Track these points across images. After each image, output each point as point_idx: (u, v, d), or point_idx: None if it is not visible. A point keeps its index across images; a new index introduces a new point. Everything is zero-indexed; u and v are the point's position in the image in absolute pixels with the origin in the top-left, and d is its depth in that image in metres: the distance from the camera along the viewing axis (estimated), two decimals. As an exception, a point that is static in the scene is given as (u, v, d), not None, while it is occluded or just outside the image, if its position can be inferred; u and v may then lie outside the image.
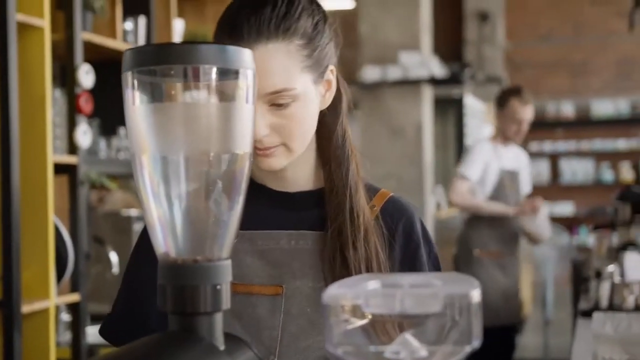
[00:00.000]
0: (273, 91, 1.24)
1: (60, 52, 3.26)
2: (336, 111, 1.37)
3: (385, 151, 6.72)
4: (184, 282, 0.77)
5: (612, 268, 3.03)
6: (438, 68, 6.93)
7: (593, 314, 1.90)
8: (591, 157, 10.20)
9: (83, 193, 3.30)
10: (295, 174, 1.37)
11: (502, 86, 10.01)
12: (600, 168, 10.16)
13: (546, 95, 10.30)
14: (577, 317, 3.15)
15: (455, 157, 8.26)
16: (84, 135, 3.28)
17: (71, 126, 3.25)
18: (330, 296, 0.72)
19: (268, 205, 1.36)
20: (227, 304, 0.79)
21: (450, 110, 8.70)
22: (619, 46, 10.10)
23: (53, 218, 3.03)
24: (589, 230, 8.89)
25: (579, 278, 4.65)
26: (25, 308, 2.87)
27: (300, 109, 1.27)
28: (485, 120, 8.99)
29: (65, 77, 3.35)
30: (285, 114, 1.26)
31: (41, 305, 2.97)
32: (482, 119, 9.04)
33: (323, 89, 1.34)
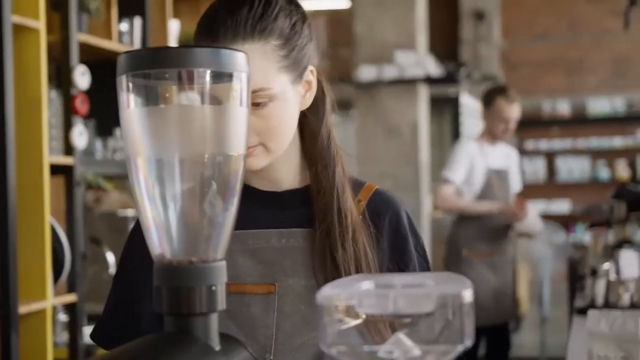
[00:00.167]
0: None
1: (55, 54, 3.27)
2: (319, 112, 1.38)
3: (381, 150, 6.73)
4: (180, 283, 0.78)
5: (608, 266, 3.04)
6: (434, 67, 6.93)
7: (588, 312, 1.90)
8: (587, 155, 10.20)
9: (79, 194, 3.31)
10: (280, 174, 1.38)
11: (498, 85, 10.04)
12: (596, 166, 10.17)
13: (542, 93, 10.31)
14: (573, 315, 3.16)
15: (451, 156, 8.25)
16: (80, 136, 3.29)
17: (67, 127, 3.26)
18: (324, 296, 0.73)
19: (256, 205, 1.36)
20: (223, 305, 0.80)
21: (446, 109, 8.71)
22: (615, 44, 10.11)
23: (49, 219, 3.04)
24: (585, 228, 8.90)
25: (575, 276, 4.65)
26: (22, 309, 2.87)
27: (277, 109, 1.28)
28: (481, 119, 8.97)
29: (61, 78, 3.36)
30: (262, 114, 1.27)
31: (38, 305, 2.97)
32: (479, 118, 9.02)
33: (303, 90, 1.34)
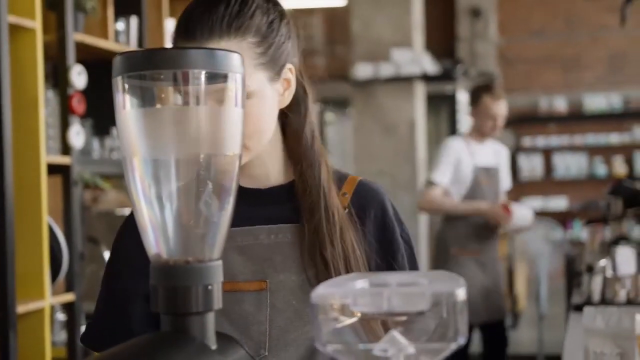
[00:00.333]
0: None
1: (52, 53, 3.26)
2: (301, 111, 1.38)
3: (378, 148, 6.74)
4: (176, 283, 0.79)
5: (604, 262, 3.05)
6: (430, 65, 6.94)
7: (584, 308, 1.91)
8: (584, 152, 10.21)
9: (77, 193, 3.31)
10: (264, 171, 1.38)
11: (496, 82, 10.04)
12: (593, 162, 10.18)
13: (539, 90, 10.32)
14: (570, 312, 3.17)
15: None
16: (77, 135, 3.29)
17: (64, 127, 3.26)
18: (318, 295, 0.73)
19: (242, 202, 1.36)
20: (219, 304, 0.81)
21: (443, 106, 8.71)
22: (611, 41, 10.12)
23: (47, 218, 3.04)
24: (583, 224, 8.92)
25: (573, 272, 4.66)
26: (20, 308, 2.88)
27: (254, 107, 1.27)
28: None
29: (57, 78, 3.35)
30: None
31: (36, 305, 2.98)
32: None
33: (281, 88, 1.33)
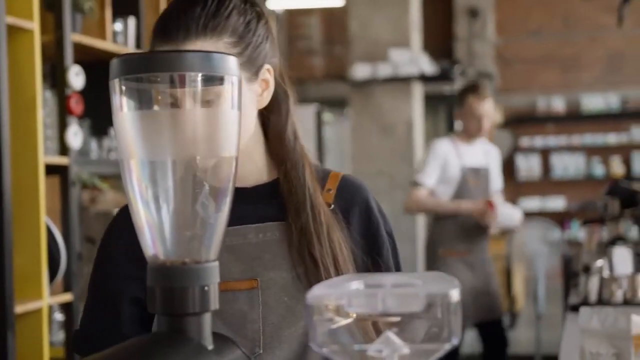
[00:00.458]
0: None
1: (50, 54, 3.27)
2: (282, 112, 1.39)
3: (376, 148, 6.74)
4: (173, 284, 0.79)
5: (601, 263, 3.05)
6: (428, 65, 6.94)
7: (580, 309, 1.91)
8: (582, 152, 10.22)
9: (74, 193, 3.31)
10: (247, 171, 1.38)
11: (494, 82, 10.05)
12: (591, 163, 10.19)
13: (537, 90, 10.33)
14: (567, 312, 3.17)
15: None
16: (75, 136, 3.29)
17: (62, 127, 3.26)
18: (314, 296, 0.74)
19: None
20: (216, 305, 0.81)
21: (440, 107, 8.73)
22: (609, 41, 10.13)
23: (45, 219, 3.04)
24: (580, 224, 8.93)
25: (570, 272, 4.67)
26: (18, 308, 2.88)
27: None
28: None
29: (55, 79, 3.36)
30: None
31: (34, 305, 2.98)
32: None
33: (259, 89, 1.34)
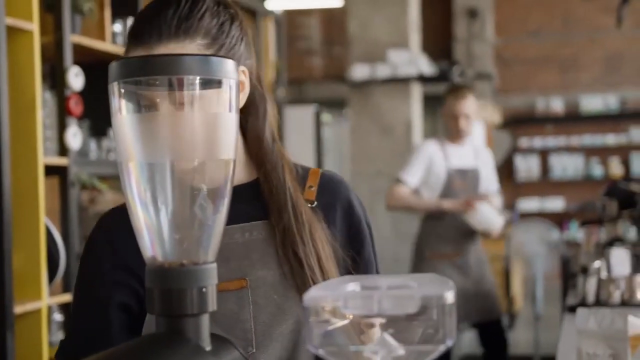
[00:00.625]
0: None
1: (49, 55, 3.27)
2: (259, 114, 1.39)
3: (375, 149, 6.75)
4: (171, 285, 0.80)
5: (599, 264, 3.06)
6: (427, 66, 6.95)
7: (577, 310, 1.92)
8: (581, 153, 10.24)
9: (74, 194, 3.32)
10: None
11: (493, 83, 10.06)
12: (589, 163, 10.21)
13: (536, 91, 10.34)
14: (565, 313, 3.18)
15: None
16: (74, 136, 3.30)
17: (61, 128, 3.27)
18: (310, 298, 0.75)
19: None
20: (213, 306, 0.82)
21: (439, 107, 8.70)
22: (608, 42, 10.14)
23: (44, 219, 3.05)
24: (578, 225, 8.94)
25: (568, 273, 4.68)
26: (17, 309, 2.88)
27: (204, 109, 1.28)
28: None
29: (55, 80, 3.36)
30: None
31: (33, 305, 2.98)
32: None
33: None
